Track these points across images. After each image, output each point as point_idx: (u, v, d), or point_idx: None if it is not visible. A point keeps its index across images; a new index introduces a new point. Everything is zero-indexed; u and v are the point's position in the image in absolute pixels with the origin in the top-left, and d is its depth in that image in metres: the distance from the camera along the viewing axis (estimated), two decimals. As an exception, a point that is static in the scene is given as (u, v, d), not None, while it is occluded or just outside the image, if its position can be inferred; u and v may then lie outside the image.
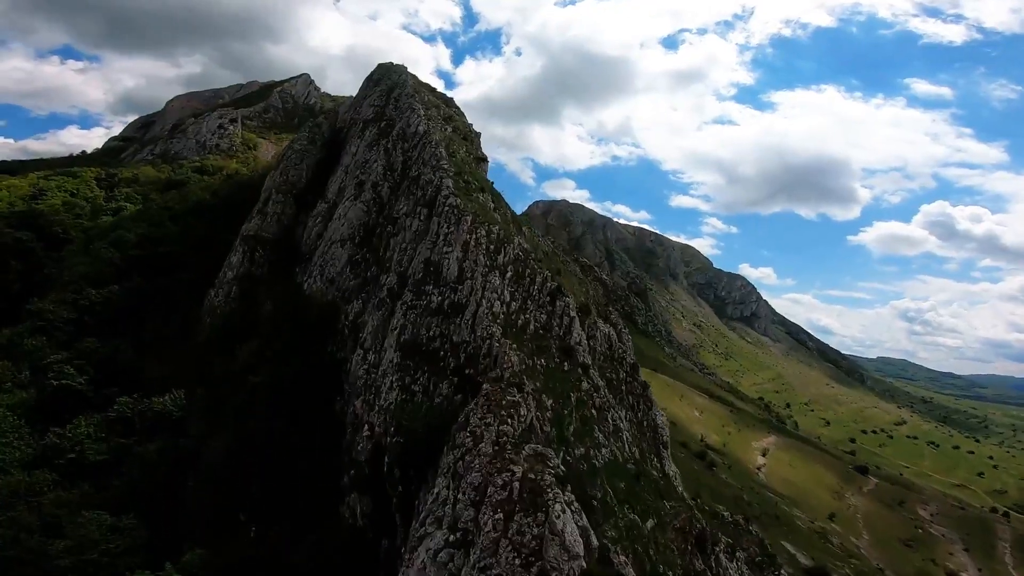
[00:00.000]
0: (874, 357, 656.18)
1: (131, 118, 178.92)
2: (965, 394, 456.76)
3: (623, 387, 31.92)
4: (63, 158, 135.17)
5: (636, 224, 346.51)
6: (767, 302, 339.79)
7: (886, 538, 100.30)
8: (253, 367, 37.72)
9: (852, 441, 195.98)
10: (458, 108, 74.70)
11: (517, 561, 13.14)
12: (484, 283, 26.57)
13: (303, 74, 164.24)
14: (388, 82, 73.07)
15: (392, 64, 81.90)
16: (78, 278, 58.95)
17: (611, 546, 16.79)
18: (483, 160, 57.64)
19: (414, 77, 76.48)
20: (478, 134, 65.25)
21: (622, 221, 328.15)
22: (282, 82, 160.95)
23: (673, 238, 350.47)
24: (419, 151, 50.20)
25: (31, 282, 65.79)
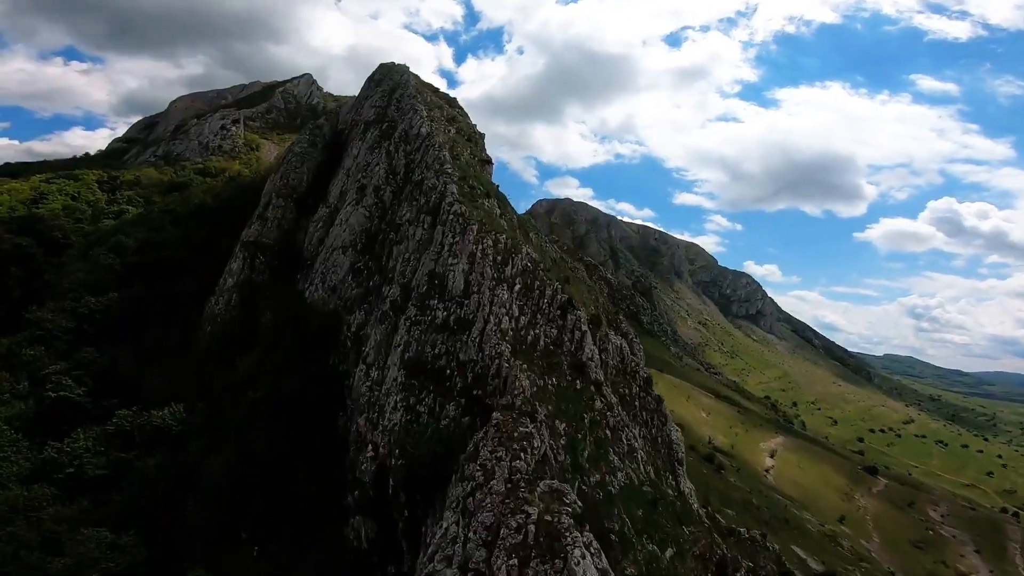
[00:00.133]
0: (881, 354, 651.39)
1: (135, 119, 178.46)
2: (973, 391, 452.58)
3: (636, 402, 30.69)
4: (66, 160, 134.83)
5: (640, 222, 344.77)
6: (773, 300, 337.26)
7: (896, 540, 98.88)
8: (253, 380, 36.72)
9: (860, 440, 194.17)
10: (461, 109, 73.29)
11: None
12: (492, 298, 25.37)
13: (305, 74, 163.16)
14: (390, 82, 71.78)
15: (394, 64, 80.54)
16: (77, 285, 58.09)
17: (632, 587, 15.61)
18: (488, 162, 56.32)
19: (416, 77, 75.12)
20: (482, 135, 63.84)
21: (626, 219, 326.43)
22: (284, 82, 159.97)
23: (677, 236, 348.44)
24: (422, 154, 48.96)
25: (31, 288, 65.09)
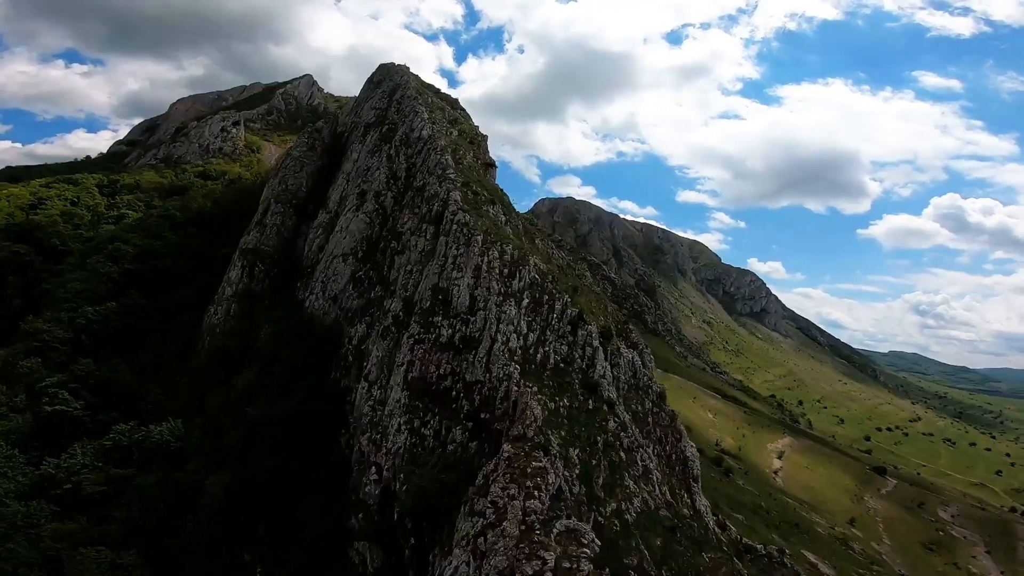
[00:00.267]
0: (886, 351, 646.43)
1: (137, 121, 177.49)
2: (979, 388, 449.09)
3: (650, 418, 29.41)
4: (67, 163, 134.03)
5: (643, 220, 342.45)
6: (777, 297, 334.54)
7: (907, 542, 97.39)
8: (251, 397, 35.59)
9: (867, 439, 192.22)
10: (463, 110, 71.82)
11: None
12: (499, 314, 24.10)
13: (305, 75, 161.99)
14: (390, 83, 70.38)
15: (394, 64, 79.15)
16: (74, 295, 57.07)
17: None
18: (491, 166, 54.87)
19: (417, 78, 73.71)
20: (485, 137, 62.27)
21: (629, 217, 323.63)
22: (285, 83, 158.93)
23: (680, 234, 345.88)
24: (423, 158, 47.66)
25: (30, 296, 64.21)
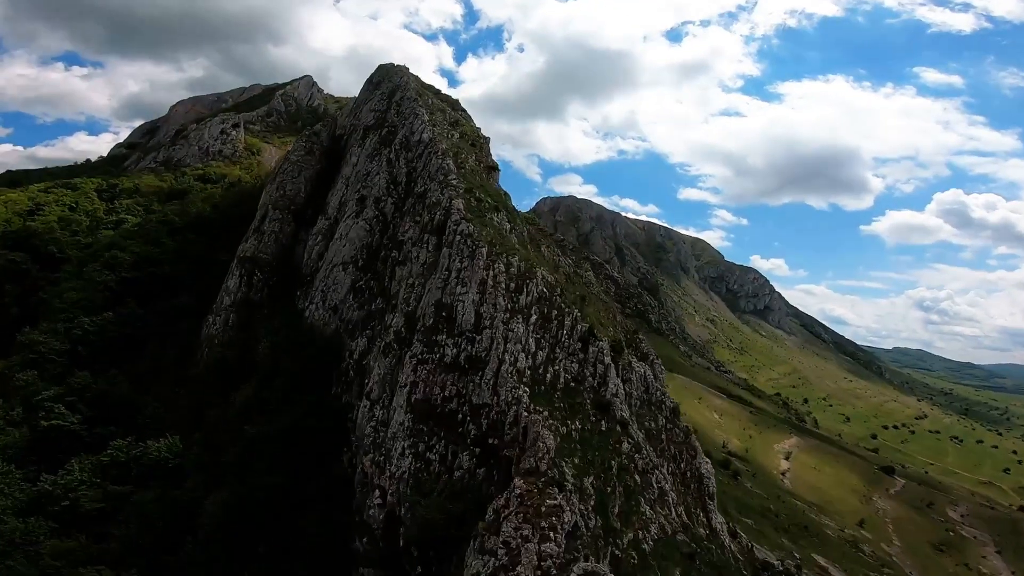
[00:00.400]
0: (890, 348, 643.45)
1: (137, 123, 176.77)
2: (985, 384, 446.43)
3: (663, 435, 28.27)
4: (67, 167, 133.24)
5: (645, 218, 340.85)
6: (780, 295, 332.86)
7: (917, 543, 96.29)
8: (249, 413, 34.56)
9: (874, 437, 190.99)
10: (465, 111, 70.48)
11: None
12: (506, 333, 22.95)
13: (305, 76, 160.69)
14: (389, 85, 69.08)
15: (393, 65, 77.75)
16: (71, 305, 56.17)
17: None
18: (494, 169, 53.60)
19: (416, 79, 72.40)
20: (487, 139, 60.94)
21: (630, 215, 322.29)
22: (284, 85, 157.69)
23: (682, 231, 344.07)
24: (424, 162, 46.47)
25: (27, 305, 63.39)
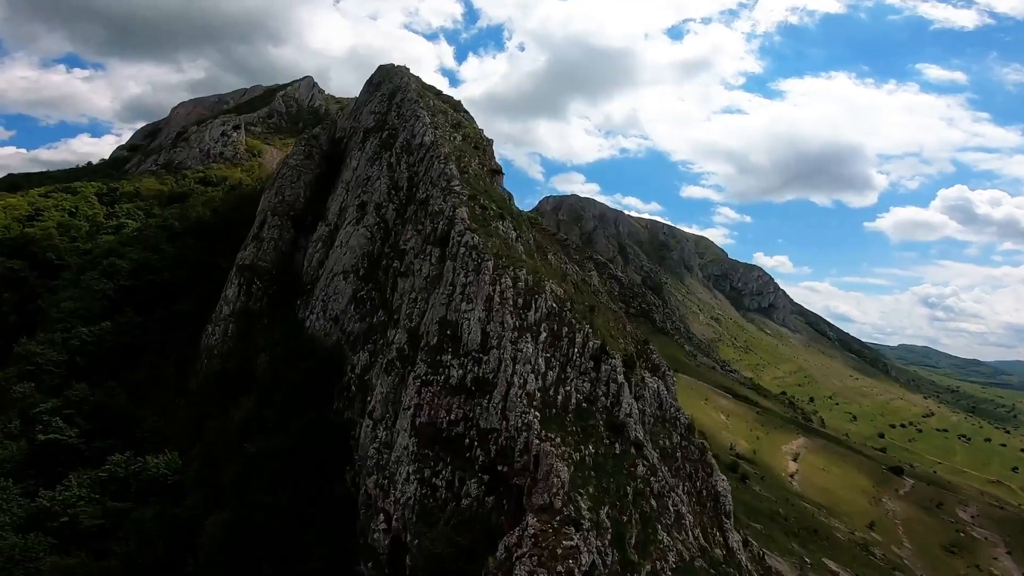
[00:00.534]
0: (895, 345, 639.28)
1: (139, 125, 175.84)
2: (991, 381, 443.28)
3: (678, 453, 27.13)
4: (68, 170, 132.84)
5: (648, 216, 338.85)
6: (785, 292, 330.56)
7: (928, 545, 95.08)
8: (249, 429, 33.57)
9: (881, 436, 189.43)
10: (467, 112, 69.11)
11: None
12: (514, 353, 21.78)
13: (306, 77, 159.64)
14: (389, 86, 67.78)
15: (393, 66, 76.39)
16: (68, 315, 55.32)
17: None
18: (498, 172, 52.29)
19: (417, 79, 71.09)
20: (490, 141, 59.56)
21: (633, 214, 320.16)
22: (285, 86, 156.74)
23: (685, 229, 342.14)
24: (426, 167, 45.27)
25: (26, 313, 62.68)
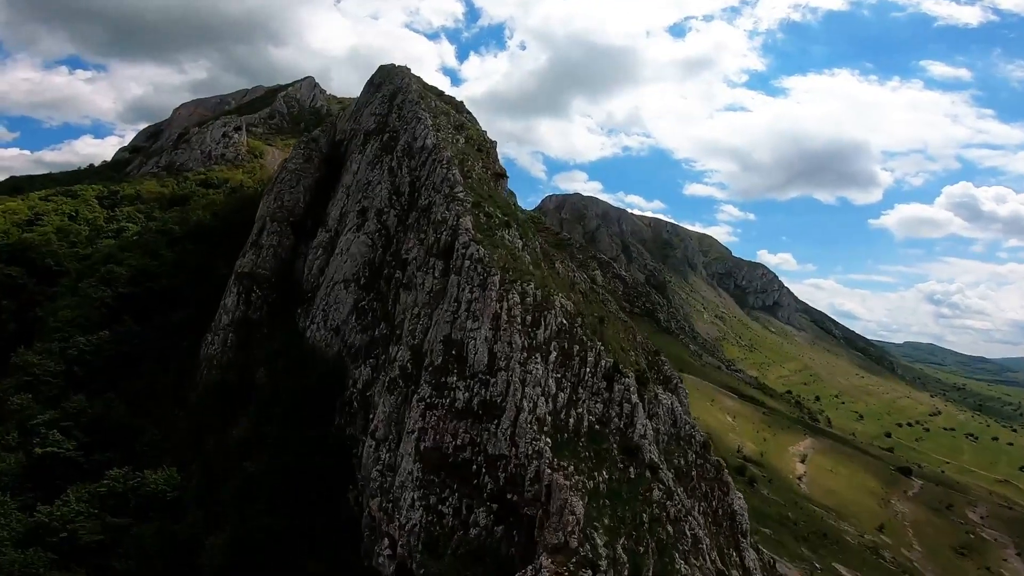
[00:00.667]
0: (901, 342, 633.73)
1: (142, 126, 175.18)
2: (997, 379, 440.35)
3: (693, 472, 26.05)
4: (70, 172, 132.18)
5: (651, 214, 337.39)
6: (790, 290, 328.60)
7: (938, 547, 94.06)
8: (248, 446, 32.68)
9: (888, 436, 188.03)
10: (470, 113, 67.84)
11: None
12: (523, 375, 20.72)
13: (307, 77, 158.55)
14: (390, 87, 66.51)
15: (394, 66, 75.04)
16: (65, 324, 54.56)
17: None
18: (502, 176, 51.08)
19: (419, 80, 69.83)
20: (494, 143, 58.32)
21: (636, 212, 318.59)
22: (287, 86, 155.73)
23: (689, 227, 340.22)
24: (428, 171, 44.18)
25: (25, 320, 61.99)
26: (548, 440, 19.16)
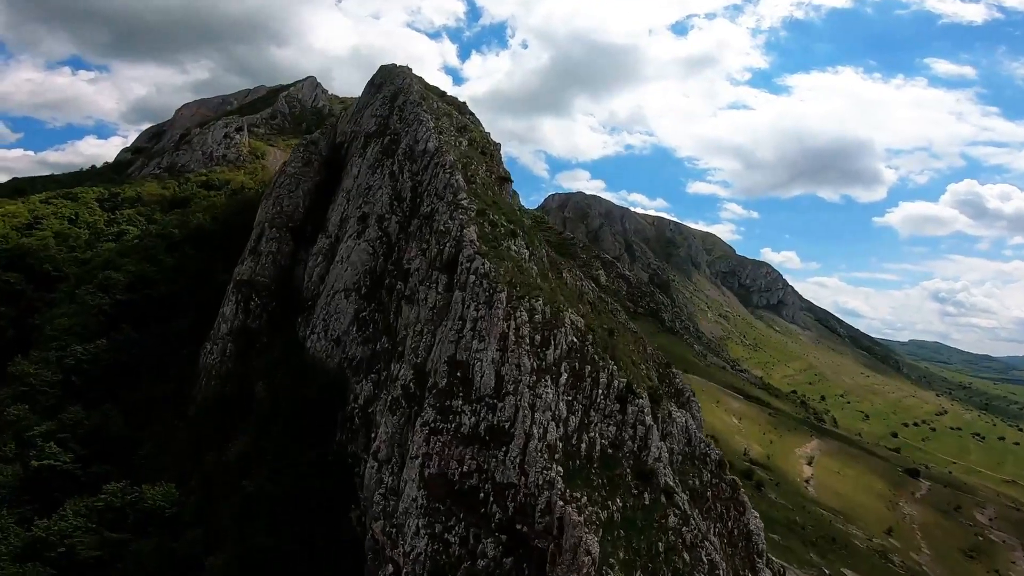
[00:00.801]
0: (906, 340, 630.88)
1: (145, 126, 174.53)
2: (1003, 377, 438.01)
3: (708, 492, 25.07)
4: (72, 174, 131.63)
5: (654, 213, 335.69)
6: (794, 288, 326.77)
7: (946, 549, 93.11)
8: (248, 463, 31.84)
9: (894, 436, 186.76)
10: (472, 114, 66.52)
11: None
12: (532, 399, 19.72)
13: (309, 77, 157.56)
14: (391, 87, 65.24)
15: (395, 66, 73.76)
16: (63, 332, 53.80)
17: None
18: (506, 179, 49.90)
19: (420, 80, 68.57)
20: (498, 145, 57.03)
21: (639, 211, 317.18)
22: (288, 86, 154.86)
23: (692, 225, 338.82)
24: (430, 175, 43.10)
25: (23, 327, 61.35)
26: (559, 469, 18.17)
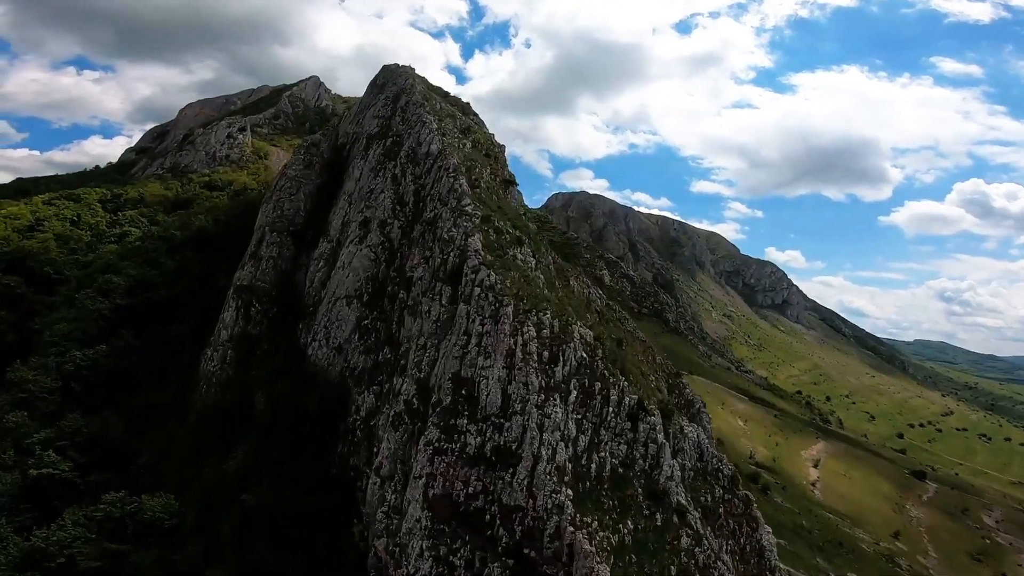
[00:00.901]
0: (911, 340, 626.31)
1: (150, 126, 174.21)
2: (1009, 377, 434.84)
3: (720, 509, 24.30)
4: (75, 174, 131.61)
5: (658, 212, 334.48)
6: (799, 288, 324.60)
7: (953, 553, 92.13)
8: (248, 476, 31.23)
9: (900, 437, 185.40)
10: (476, 115, 65.59)
11: None
12: (541, 419, 18.96)
13: (312, 76, 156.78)
14: (393, 88, 64.38)
15: (397, 66, 72.88)
16: (62, 338, 53.28)
17: None
18: (511, 183, 49.02)
19: (423, 80, 67.71)
20: (502, 147, 56.09)
21: (643, 210, 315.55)
22: (292, 86, 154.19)
23: (696, 225, 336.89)
24: (433, 180, 42.30)
25: (23, 331, 60.94)
26: (569, 492, 17.45)
